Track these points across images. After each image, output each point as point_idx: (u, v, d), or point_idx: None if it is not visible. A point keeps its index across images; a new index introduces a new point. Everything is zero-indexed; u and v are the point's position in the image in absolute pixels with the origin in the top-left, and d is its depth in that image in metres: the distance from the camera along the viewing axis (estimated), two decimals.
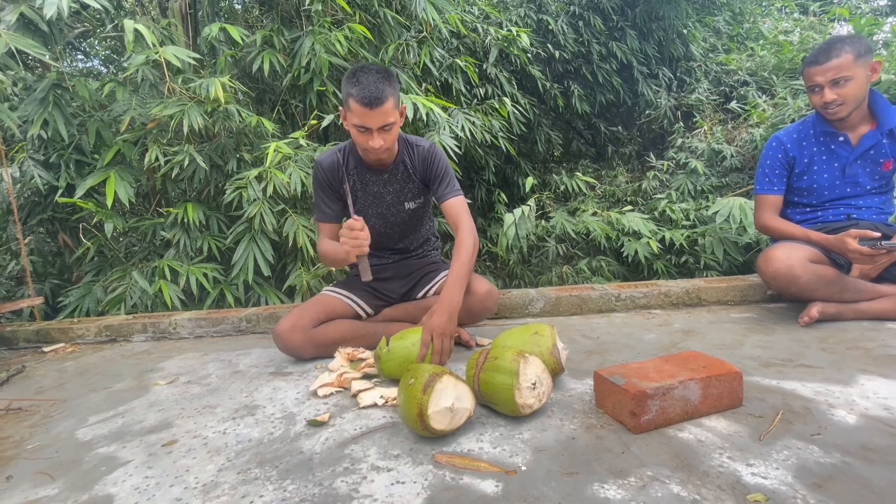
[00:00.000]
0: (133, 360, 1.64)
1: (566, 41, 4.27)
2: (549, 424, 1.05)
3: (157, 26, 2.38)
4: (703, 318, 1.68)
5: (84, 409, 1.29)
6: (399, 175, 1.56)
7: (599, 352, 1.43)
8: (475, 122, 3.18)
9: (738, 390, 1.10)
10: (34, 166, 2.18)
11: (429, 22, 3.03)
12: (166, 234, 2.29)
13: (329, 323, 1.50)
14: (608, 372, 1.11)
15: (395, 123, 1.39)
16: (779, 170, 1.73)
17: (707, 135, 4.06)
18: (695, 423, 1.03)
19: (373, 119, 1.34)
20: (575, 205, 4.03)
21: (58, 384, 1.48)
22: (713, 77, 4.46)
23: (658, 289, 1.78)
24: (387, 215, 1.60)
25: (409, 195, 1.59)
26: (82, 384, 1.46)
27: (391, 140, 1.41)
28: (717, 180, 3.84)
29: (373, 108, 1.32)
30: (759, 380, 1.20)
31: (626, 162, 4.65)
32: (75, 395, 1.38)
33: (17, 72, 2.20)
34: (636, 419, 1.01)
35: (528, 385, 1.05)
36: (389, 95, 1.34)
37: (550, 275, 3.73)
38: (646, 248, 3.31)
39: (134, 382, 1.44)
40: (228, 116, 2.36)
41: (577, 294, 1.78)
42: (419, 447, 0.98)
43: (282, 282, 2.49)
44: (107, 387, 1.42)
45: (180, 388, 1.37)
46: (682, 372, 1.08)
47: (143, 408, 1.26)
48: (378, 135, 1.37)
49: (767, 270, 1.53)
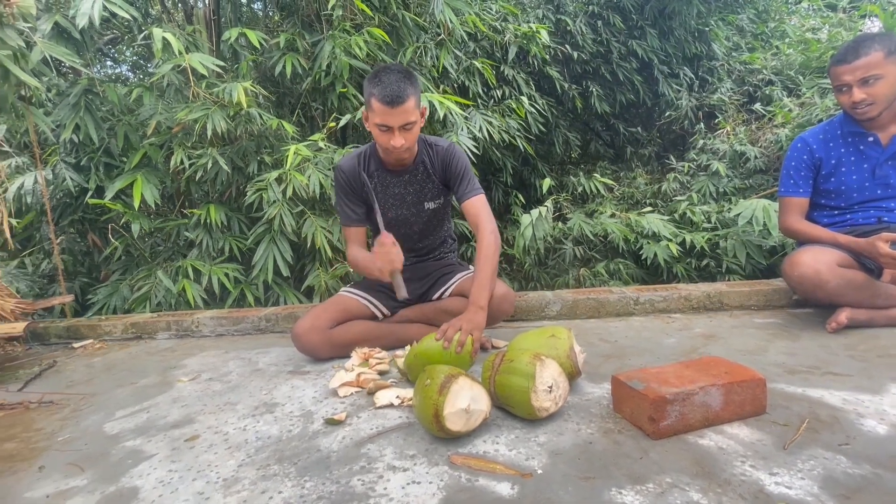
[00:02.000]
0: (157, 357, 1.69)
1: (584, 41, 4.23)
2: (565, 428, 1.04)
3: (182, 33, 2.44)
4: (726, 322, 1.64)
5: (111, 403, 1.33)
6: (419, 175, 1.57)
7: (618, 356, 1.41)
8: (492, 122, 3.17)
9: (762, 397, 1.07)
10: (66, 169, 2.27)
11: (447, 24, 3.04)
12: (190, 234, 2.36)
13: (346, 324, 1.52)
14: (626, 376, 1.09)
15: (417, 123, 1.41)
16: (804, 171, 1.69)
17: (730, 136, 3.96)
18: (716, 430, 1.01)
19: (394, 118, 1.35)
20: (593, 206, 3.99)
21: (87, 379, 1.54)
22: (736, 76, 4.36)
23: (678, 292, 1.75)
24: (407, 216, 1.61)
25: (429, 195, 1.59)
26: (110, 379, 1.52)
27: (412, 139, 1.41)
28: (740, 182, 3.75)
29: (394, 106, 1.33)
30: (783, 387, 1.16)
31: (645, 163, 4.58)
32: (103, 389, 1.43)
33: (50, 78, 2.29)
34: (655, 425, 0.99)
35: (545, 388, 1.05)
36: (411, 95, 1.35)
37: (567, 277, 3.69)
38: (665, 250, 3.25)
39: (158, 378, 1.48)
40: (250, 120, 2.42)
41: (595, 297, 1.76)
42: (435, 448, 0.98)
43: (300, 282, 2.53)
44: (133, 382, 1.46)
45: (202, 384, 1.40)
46: (703, 377, 1.06)
47: (166, 403, 1.29)
48: (399, 134, 1.38)
49: (793, 274, 1.49)
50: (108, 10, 2.15)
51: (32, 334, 1.99)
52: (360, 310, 1.57)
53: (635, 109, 4.82)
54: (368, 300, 1.59)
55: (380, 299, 1.61)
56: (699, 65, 4.52)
